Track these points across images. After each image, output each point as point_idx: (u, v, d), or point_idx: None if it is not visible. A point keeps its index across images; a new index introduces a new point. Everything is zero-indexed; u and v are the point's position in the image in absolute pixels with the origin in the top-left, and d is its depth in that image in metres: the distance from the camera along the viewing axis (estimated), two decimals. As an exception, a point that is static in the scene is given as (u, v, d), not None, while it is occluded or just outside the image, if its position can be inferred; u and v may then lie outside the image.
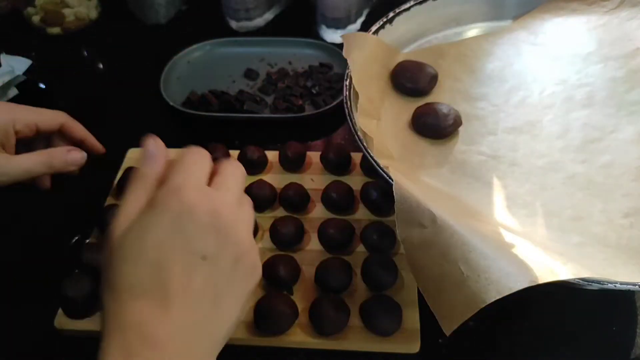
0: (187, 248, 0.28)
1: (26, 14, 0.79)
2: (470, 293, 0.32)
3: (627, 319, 0.46)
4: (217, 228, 0.28)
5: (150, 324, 0.26)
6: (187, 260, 0.28)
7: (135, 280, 0.27)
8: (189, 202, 0.28)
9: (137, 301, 0.26)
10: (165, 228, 0.28)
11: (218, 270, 0.28)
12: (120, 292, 0.27)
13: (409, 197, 0.37)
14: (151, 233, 0.28)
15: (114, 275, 0.27)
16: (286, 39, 0.74)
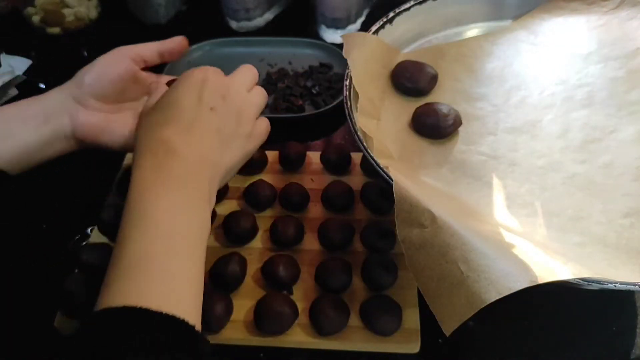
0: (200, 101, 0.39)
1: (26, 14, 0.79)
2: (470, 293, 0.32)
3: (627, 319, 0.46)
4: (224, 95, 0.40)
5: (174, 141, 0.36)
6: (200, 108, 0.38)
7: (163, 117, 0.38)
8: (206, 75, 0.40)
9: (164, 127, 0.37)
10: (187, 88, 0.39)
11: (222, 122, 0.39)
12: (152, 124, 0.38)
13: (408, 197, 0.37)
14: (178, 90, 0.39)
15: (147, 121, 0.39)
16: (286, 39, 0.73)
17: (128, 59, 0.45)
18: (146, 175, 0.35)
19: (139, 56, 0.46)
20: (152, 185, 0.34)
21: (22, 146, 0.41)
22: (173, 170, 0.35)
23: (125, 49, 0.45)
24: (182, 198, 0.34)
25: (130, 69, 0.45)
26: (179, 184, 0.35)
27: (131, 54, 0.45)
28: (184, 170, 0.35)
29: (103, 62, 0.44)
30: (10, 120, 0.42)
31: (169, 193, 0.34)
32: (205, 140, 0.38)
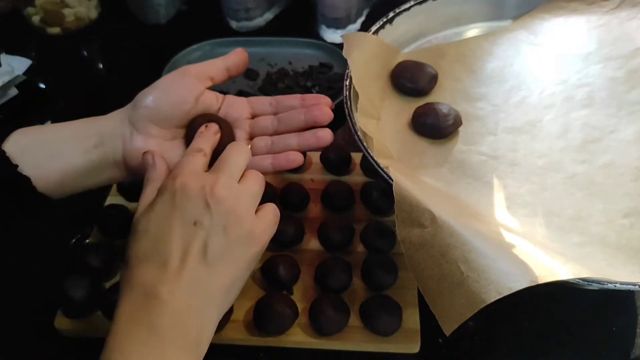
0: (181, 217, 0.33)
1: (26, 14, 0.79)
2: (470, 293, 0.32)
3: (627, 319, 0.46)
4: (206, 200, 0.33)
5: (152, 283, 0.31)
6: (181, 227, 0.33)
7: (141, 250, 0.33)
8: (182, 182, 0.34)
9: (141, 266, 0.32)
10: (164, 205, 0.34)
11: (210, 235, 0.33)
12: (131, 260, 0.33)
13: (408, 197, 0.37)
14: (154, 211, 0.34)
15: (127, 251, 0.34)
16: (286, 39, 0.74)
17: (193, 78, 0.40)
18: (122, 329, 0.30)
19: (205, 74, 0.41)
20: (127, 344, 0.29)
21: (68, 169, 0.38)
22: (152, 320, 0.30)
23: (191, 68, 0.41)
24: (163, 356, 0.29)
25: (195, 89, 0.40)
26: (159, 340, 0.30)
27: (196, 73, 0.41)
28: (165, 318, 0.30)
29: (165, 82, 0.40)
30: (63, 140, 0.39)
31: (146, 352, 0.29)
32: (192, 272, 0.32)
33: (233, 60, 0.43)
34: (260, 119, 0.44)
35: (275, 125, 0.43)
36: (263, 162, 0.41)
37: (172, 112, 0.40)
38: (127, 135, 0.39)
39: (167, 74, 0.41)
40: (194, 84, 0.41)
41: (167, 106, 0.40)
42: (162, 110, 0.39)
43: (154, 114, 0.39)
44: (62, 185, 0.39)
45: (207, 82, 0.42)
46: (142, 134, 0.39)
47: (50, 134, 0.39)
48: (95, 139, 0.39)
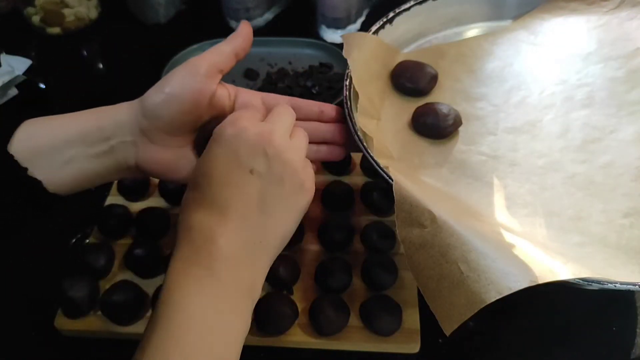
0: (238, 164, 0.33)
1: (26, 14, 0.79)
2: (470, 293, 0.32)
3: (627, 319, 0.46)
4: (264, 148, 0.33)
5: (209, 228, 0.32)
6: (238, 174, 0.33)
7: (199, 195, 0.33)
8: (240, 126, 0.34)
9: (199, 210, 0.32)
10: (221, 150, 0.34)
11: (266, 184, 0.33)
12: (189, 205, 0.33)
13: (408, 197, 0.37)
14: (210, 156, 0.34)
15: (187, 194, 0.34)
16: (286, 39, 0.74)
17: (203, 77, 0.37)
18: (179, 268, 0.31)
19: (214, 67, 0.38)
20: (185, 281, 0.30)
21: (82, 175, 0.38)
22: (209, 263, 0.31)
23: (196, 63, 0.37)
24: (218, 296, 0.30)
25: (207, 90, 0.37)
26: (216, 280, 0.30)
27: (204, 69, 0.37)
28: (221, 263, 0.31)
29: (174, 85, 0.37)
30: (72, 145, 0.37)
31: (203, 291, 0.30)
32: (248, 219, 0.32)
33: (240, 44, 0.40)
34: None
35: None
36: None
37: (186, 120, 0.38)
38: (140, 144, 0.38)
39: (175, 71, 0.37)
40: (205, 84, 0.37)
41: (180, 114, 0.37)
42: (175, 119, 0.37)
43: (167, 124, 0.37)
44: (74, 187, 0.38)
45: (218, 76, 0.39)
46: (155, 143, 0.38)
47: (58, 131, 0.37)
48: (105, 146, 0.38)
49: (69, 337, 0.45)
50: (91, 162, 0.38)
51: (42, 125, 0.38)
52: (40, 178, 0.36)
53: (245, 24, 0.41)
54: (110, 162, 0.38)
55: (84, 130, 0.38)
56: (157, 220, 0.51)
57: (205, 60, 0.38)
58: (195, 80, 0.37)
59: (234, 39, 0.40)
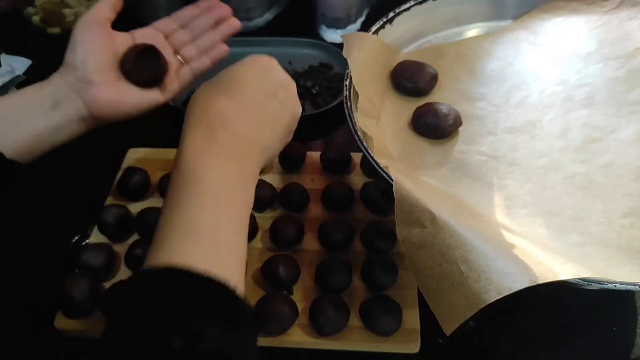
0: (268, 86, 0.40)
1: (26, 14, 0.79)
2: (470, 293, 0.32)
3: (627, 319, 0.46)
4: (288, 86, 0.42)
5: (231, 116, 0.37)
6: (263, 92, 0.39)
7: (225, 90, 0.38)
8: (272, 63, 0.42)
9: (224, 98, 0.37)
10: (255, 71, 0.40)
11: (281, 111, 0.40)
12: (212, 94, 0.38)
13: (408, 197, 0.37)
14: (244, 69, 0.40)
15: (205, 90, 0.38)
16: (286, 39, 0.73)
17: (97, 25, 0.44)
18: (199, 145, 0.35)
19: (103, 17, 0.45)
20: (204, 156, 0.34)
21: (33, 133, 0.41)
22: (226, 143, 0.35)
23: (89, 20, 0.44)
24: (232, 171, 0.35)
25: (106, 35, 0.44)
26: (230, 158, 0.35)
27: (96, 20, 0.44)
28: (236, 145, 0.36)
29: (80, 39, 0.43)
30: (19, 108, 0.42)
31: (220, 165, 0.34)
32: (262, 124, 0.39)
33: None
34: (175, 35, 0.50)
35: (189, 35, 0.50)
36: (203, 62, 0.49)
37: (104, 57, 0.44)
38: (83, 90, 0.43)
39: (75, 31, 0.44)
40: (101, 29, 0.44)
41: (97, 55, 0.43)
42: (95, 59, 0.43)
43: (92, 65, 0.43)
44: (30, 149, 0.41)
45: (108, 23, 0.45)
46: (93, 85, 0.43)
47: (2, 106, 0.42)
48: (49, 102, 0.42)
49: (69, 337, 0.45)
50: (40, 120, 0.42)
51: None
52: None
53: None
54: (60, 116, 0.42)
55: (26, 95, 0.43)
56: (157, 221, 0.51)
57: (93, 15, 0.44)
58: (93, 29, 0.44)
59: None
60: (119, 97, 0.44)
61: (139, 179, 0.54)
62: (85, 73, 0.43)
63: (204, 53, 0.50)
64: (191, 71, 0.49)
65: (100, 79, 0.43)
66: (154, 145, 0.60)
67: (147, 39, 0.48)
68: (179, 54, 0.49)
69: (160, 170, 0.56)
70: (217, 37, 0.50)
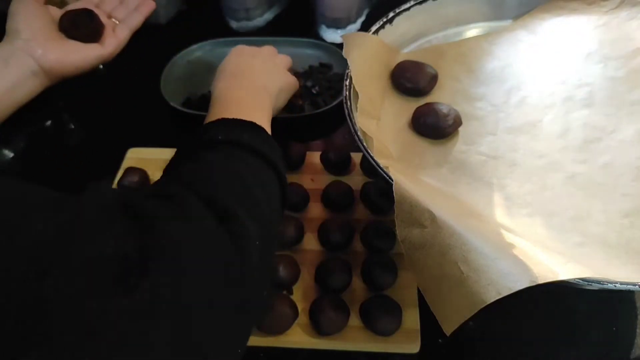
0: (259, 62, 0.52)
1: (26, 14, 0.79)
2: (470, 293, 0.32)
3: (627, 319, 0.46)
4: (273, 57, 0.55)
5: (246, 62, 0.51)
6: (253, 63, 0.51)
7: (239, 80, 0.48)
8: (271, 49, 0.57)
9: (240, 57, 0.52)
10: (245, 57, 0.52)
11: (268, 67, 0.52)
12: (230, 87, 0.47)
13: (408, 197, 0.37)
14: (240, 59, 0.52)
15: (218, 74, 0.49)
16: (286, 39, 0.73)
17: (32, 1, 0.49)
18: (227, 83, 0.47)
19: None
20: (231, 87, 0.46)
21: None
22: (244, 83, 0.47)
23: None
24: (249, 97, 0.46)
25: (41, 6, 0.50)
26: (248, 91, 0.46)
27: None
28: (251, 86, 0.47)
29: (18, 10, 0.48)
30: None
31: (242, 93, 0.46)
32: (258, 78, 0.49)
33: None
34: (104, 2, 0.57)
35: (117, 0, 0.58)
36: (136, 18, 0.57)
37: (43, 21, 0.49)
38: (30, 48, 0.47)
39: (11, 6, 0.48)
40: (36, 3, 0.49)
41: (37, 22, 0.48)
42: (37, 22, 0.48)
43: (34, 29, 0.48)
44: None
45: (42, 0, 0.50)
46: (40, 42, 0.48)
47: None
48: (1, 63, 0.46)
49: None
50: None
51: None
52: None
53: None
54: (12, 75, 0.46)
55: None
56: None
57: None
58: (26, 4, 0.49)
59: None
60: (64, 50, 0.49)
61: (139, 179, 0.55)
62: (29, 33, 0.48)
63: (135, 10, 0.57)
64: (127, 27, 0.56)
65: (43, 37, 0.48)
66: (154, 145, 0.60)
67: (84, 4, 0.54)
68: (112, 17, 0.56)
69: (160, 170, 0.56)
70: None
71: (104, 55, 0.53)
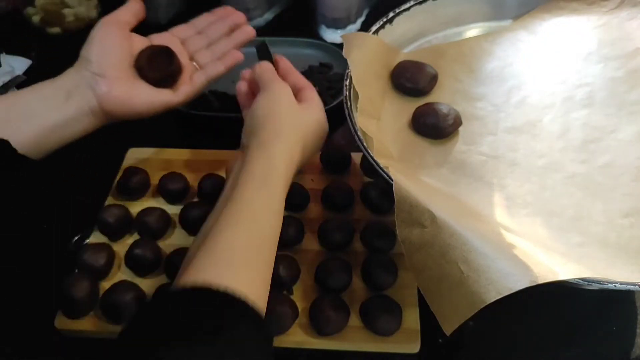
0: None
1: (26, 14, 0.79)
2: (470, 293, 0.32)
3: (627, 319, 0.46)
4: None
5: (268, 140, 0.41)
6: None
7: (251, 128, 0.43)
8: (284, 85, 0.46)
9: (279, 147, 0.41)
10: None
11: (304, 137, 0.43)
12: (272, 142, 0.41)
13: (408, 197, 0.37)
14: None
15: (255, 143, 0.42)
16: (286, 39, 0.73)
17: (115, 25, 0.46)
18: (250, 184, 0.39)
19: (122, 21, 0.47)
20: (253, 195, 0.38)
21: (45, 126, 0.41)
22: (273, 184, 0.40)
23: (108, 19, 0.46)
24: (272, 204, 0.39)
25: (123, 32, 0.46)
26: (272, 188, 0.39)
27: (115, 20, 0.46)
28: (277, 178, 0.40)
29: (98, 35, 0.45)
30: (30, 101, 0.42)
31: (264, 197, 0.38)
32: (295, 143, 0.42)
33: (135, 7, 0.48)
34: (191, 40, 0.52)
35: (205, 41, 0.52)
36: (218, 68, 0.50)
37: (120, 54, 0.45)
38: (95, 83, 0.43)
39: (94, 29, 0.45)
40: (120, 29, 0.46)
41: (113, 50, 0.45)
42: (111, 54, 0.45)
43: (107, 59, 0.44)
44: (42, 142, 0.42)
45: (127, 26, 0.47)
46: (106, 78, 0.44)
47: (16, 99, 0.42)
48: (62, 94, 0.43)
49: (69, 337, 0.45)
50: (52, 112, 0.42)
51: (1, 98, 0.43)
52: (6, 136, 0.39)
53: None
54: (72, 109, 0.43)
55: (39, 88, 0.43)
56: (157, 220, 0.51)
57: (115, 16, 0.47)
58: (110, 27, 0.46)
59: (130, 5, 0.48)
60: (131, 92, 0.45)
61: (138, 179, 0.55)
62: (99, 66, 0.44)
63: (218, 59, 0.50)
64: (205, 76, 0.49)
65: (113, 74, 0.44)
66: (154, 145, 0.60)
67: (165, 42, 0.49)
68: (194, 59, 0.51)
69: (160, 170, 0.56)
70: (231, 43, 0.51)
71: (172, 103, 0.47)
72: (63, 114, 0.42)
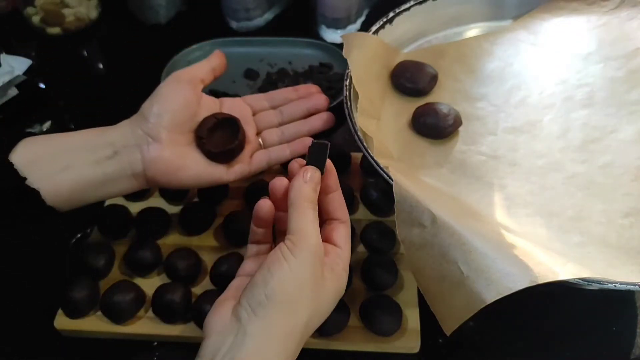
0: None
1: (26, 14, 0.79)
2: (470, 293, 0.32)
3: (627, 319, 0.46)
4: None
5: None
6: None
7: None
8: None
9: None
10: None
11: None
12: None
13: (409, 197, 0.37)
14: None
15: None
16: (286, 39, 0.73)
17: (187, 83, 0.42)
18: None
19: (196, 77, 0.43)
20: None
21: (81, 181, 0.38)
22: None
23: (181, 74, 0.43)
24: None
25: (193, 92, 0.42)
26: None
27: (188, 77, 0.43)
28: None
29: (163, 91, 0.41)
30: (74, 149, 0.38)
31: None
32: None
33: (216, 62, 0.45)
34: (263, 114, 0.47)
35: (279, 118, 0.47)
36: (283, 152, 0.46)
37: (181, 117, 0.41)
38: (145, 145, 0.40)
39: (162, 83, 0.42)
40: (190, 88, 0.42)
41: (175, 112, 0.41)
42: (171, 116, 0.41)
43: (165, 121, 0.40)
44: (73, 197, 0.38)
45: (200, 84, 0.43)
46: (158, 142, 0.40)
47: (59, 143, 0.39)
48: (108, 151, 0.39)
49: (69, 337, 0.45)
50: (91, 168, 0.38)
51: (43, 139, 0.39)
52: (37, 186, 0.36)
53: (220, 53, 0.46)
54: (113, 168, 0.39)
55: (87, 137, 0.40)
56: (157, 220, 0.51)
57: (188, 72, 0.43)
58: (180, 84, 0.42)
59: (210, 58, 0.45)
60: (182, 162, 0.41)
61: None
62: (156, 128, 0.40)
63: (286, 142, 0.46)
64: (267, 159, 0.45)
65: (168, 137, 0.40)
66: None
67: (235, 110, 0.45)
68: (260, 135, 0.46)
69: (160, 170, 0.56)
70: (305, 128, 0.47)
71: (222, 181, 0.43)
72: (103, 171, 0.38)
